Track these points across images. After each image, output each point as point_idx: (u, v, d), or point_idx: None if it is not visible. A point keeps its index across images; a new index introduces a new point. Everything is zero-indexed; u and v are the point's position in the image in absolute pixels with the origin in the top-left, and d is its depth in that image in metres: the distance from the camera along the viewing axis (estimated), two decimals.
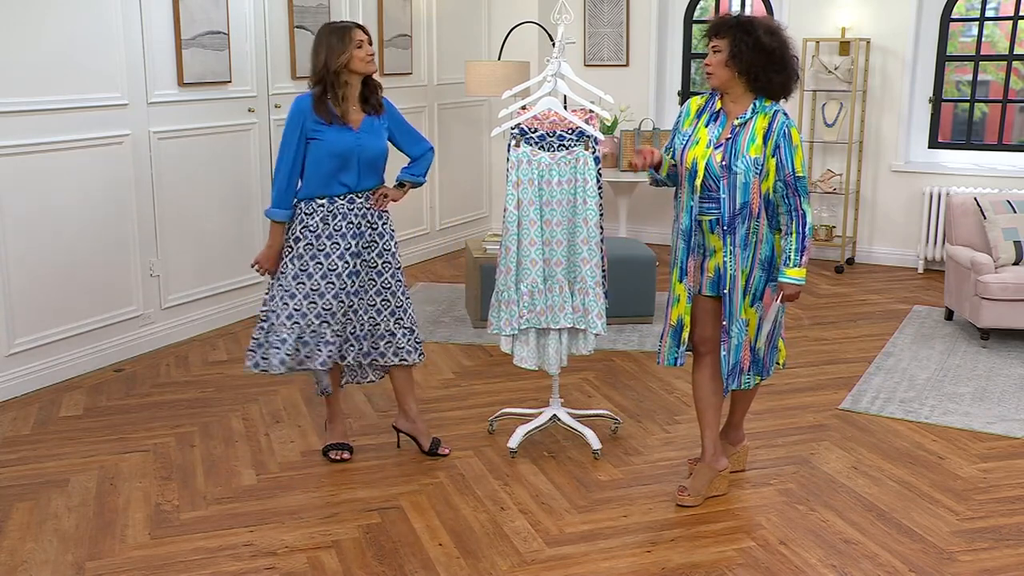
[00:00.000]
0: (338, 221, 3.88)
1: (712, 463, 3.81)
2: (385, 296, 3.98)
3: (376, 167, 3.92)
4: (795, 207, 3.49)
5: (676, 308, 3.73)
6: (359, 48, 3.78)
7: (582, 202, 3.95)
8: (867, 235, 7.84)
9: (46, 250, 4.95)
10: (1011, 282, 5.51)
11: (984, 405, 4.74)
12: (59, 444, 4.30)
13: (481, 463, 4.11)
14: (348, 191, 3.88)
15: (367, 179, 3.91)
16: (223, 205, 5.98)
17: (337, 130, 3.81)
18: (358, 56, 3.78)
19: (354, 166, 3.86)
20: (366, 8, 6.96)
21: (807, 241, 3.50)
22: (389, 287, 3.97)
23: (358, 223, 3.91)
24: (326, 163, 3.82)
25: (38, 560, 3.33)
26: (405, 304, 4.01)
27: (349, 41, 3.77)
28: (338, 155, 3.82)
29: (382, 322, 3.98)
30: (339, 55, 3.76)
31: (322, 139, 3.81)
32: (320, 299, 3.88)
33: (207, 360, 5.43)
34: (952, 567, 3.29)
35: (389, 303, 3.98)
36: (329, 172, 3.84)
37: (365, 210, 3.92)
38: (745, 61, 3.46)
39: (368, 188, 3.93)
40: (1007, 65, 7.43)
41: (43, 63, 4.84)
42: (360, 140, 3.85)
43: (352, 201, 3.90)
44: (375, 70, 3.87)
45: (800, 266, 3.49)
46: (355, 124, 3.86)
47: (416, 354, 4.05)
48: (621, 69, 8.50)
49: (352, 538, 3.49)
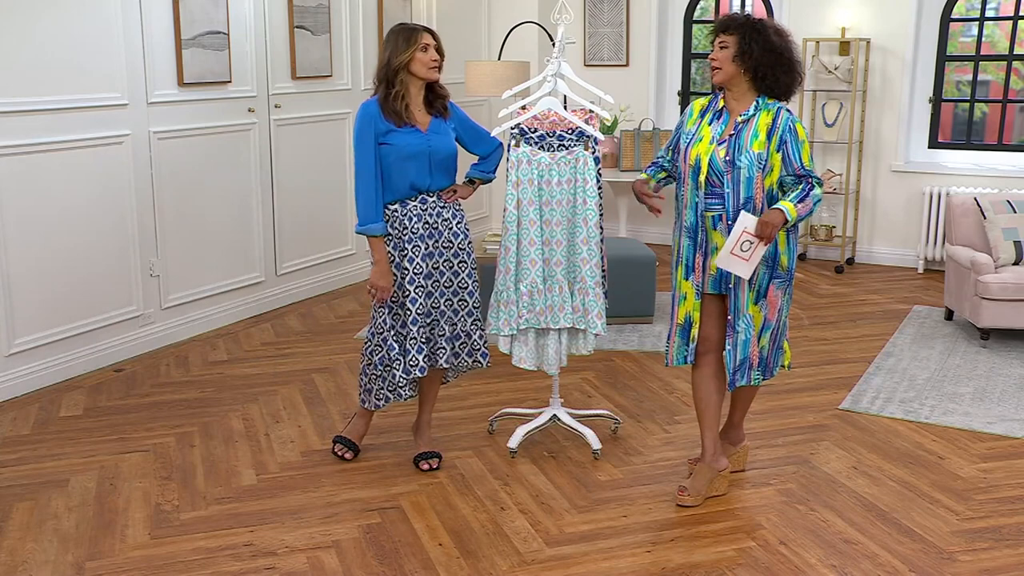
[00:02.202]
0: (414, 223, 3.85)
1: (712, 463, 3.81)
2: (463, 296, 3.96)
3: (447, 167, 3.90)
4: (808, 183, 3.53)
5: (683, 306, 3.73)
6: (423, 52, 3.76)
7: (582, 202, 3.95)
8: (867, 235, 7.84)
9: (46, 250, 4.95)
10: (1011, 282, 5.51)
11: (984, 405, 4.74)
12: (59, 444, 4.30)
13: (481, 463, 4.11)
14: (420, 193, 3.86)
15: (439, 180, 3.88)
16: (223, 205, 5.99)
17: (406, 132, 3.78)
18: (420, 59, 3.76)
19: (426, 167, 3.83)
20: (366, 8, 6.96)
21: (810, 200, 3.49)
22: (466, 287, 3.96)
23: (433, 223, 3.89)
24: (399, 167, 3.79)
25: (38, 560, 3.33)
26: (477, 303, 4.01)
27: (414, 43, 3.75)
28: (411, 157, 3.79)
29: (459, 322, 3.97)
30: (401, 55, 3.75)
31: (393, 143, 3.77)
32: (413, 305, 3.86)
33: (207, 360, 5.43)
34: (952, 567, 3.29)
35: (467, 303, 3.97)
36: (402, 175, 3.80)
37: (440, 208, 3.90)
38: (754, 59, 3.51)
39: (440, 188, 3.91)
40: (1007, 65, 7.43)
41: (43, 63, 4.84)
42: (430, 141, 3.82)
43: (424, 202, 3.87)
44: (437, 78, 3.83)
45: (794, 206, 3.47)
46: (423, 126, 3.84)
47: (488, 356, 4.06)
48: (621, 69, 8.50)
49: (352, 538, 3.49)
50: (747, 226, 3.45)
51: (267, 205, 6.32)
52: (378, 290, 3.83)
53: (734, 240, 3.45)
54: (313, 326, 6.08)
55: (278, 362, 5.39)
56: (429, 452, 4.08)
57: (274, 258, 6.44)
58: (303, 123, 6.55)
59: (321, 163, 6.70)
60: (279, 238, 6.44)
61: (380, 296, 3.84)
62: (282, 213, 6.43)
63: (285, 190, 6.42)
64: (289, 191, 6.45)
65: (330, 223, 6.82)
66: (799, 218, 3.49)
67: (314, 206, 6.69)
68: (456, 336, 3.98)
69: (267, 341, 5.78)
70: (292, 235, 6.55)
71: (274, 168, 6.33)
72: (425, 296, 3.89)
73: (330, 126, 6.78)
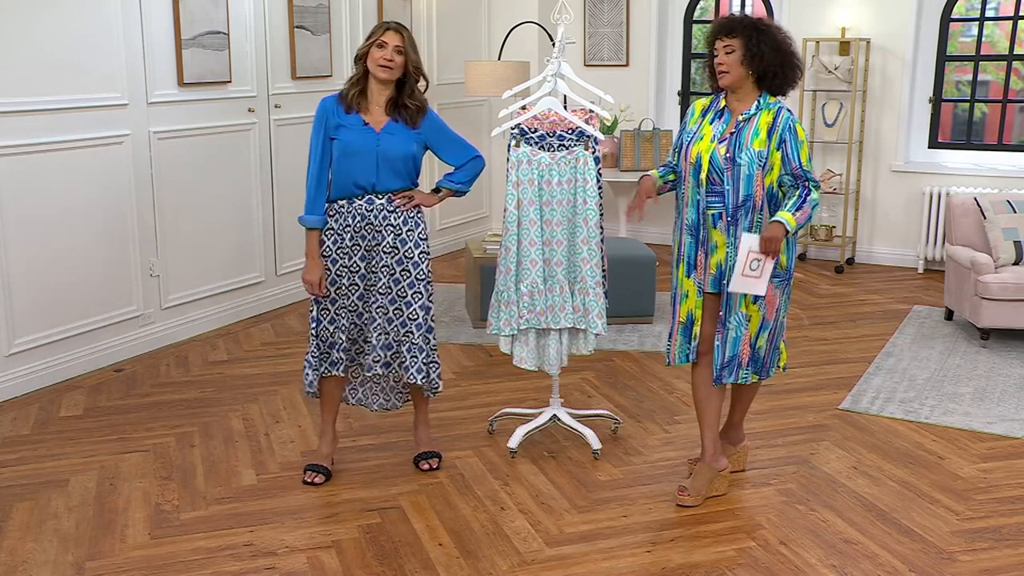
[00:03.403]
0: (356, 222, 3.79)
1: (712, 463, 3.81)
2: (399, 305, 3.83)
3: (397, 169, 3.78)
4: (805, 188, 3.54)
5: (685, 304, 3.74)
6: (379, 48, 3.69)
7: (582, 202, 3.95)
8: (867, 235, 7.84)
9: (46, 250, 4.95)
10: (1011, 282, 5.51)
11: (984, 405, 4.74)
12: (59, 444, 4.29)
13: (481, 463, 4.11)
14: (366, 192, 3.78)
15: (387, 181, 3.77)
16: (223, 205, 5.99)
17: (356, 130, 3.74)
18: (373, 55, 3.70)
19: (372, 166, 3.74)
20: (366, 8, 6.96)
21: (808, 207, 3.51)
22: (404, 297, 3.84)
23: (377, 224, 3.79)
24: (344, 163, 3.74)
25: (38, 560, 3.33)
26: (421, 319, 3.83)
27: (372, 37, 3.71)
28: (355, 154, 3.72)
29: (391, 332, 3.85)
30: (362, 45, 3.74)
31: (340, 138, 3.74)
32: (346, 301, 3.83)
33: (207, 360, 5.43)
34: (952, 567, 3.29)
35: (402, 312, 3.83)
36: (347, 172, 3.75)
37: (386, 212, 3.80)
38: (764, 60, 3.53)
39: (390, 190, 3.79)
40: (1007, 65, 7.43)
41: (43, 63, 4.84)
42: (379, 140, 3.75)
43: (371, 202, 3.79)
44: (384, 77, 3.71)
45: (793, 215, 3.49)
46: (377, 125, 3.76)
47: (421, 376, 3.84)
48: (621, 69, 8.50)
49: (352, 538, 3.49)
50: (751, 246, 3.48)
51: (267, 205, 6.32)
52: (308, 284, 3.79)
53: (742, 263, 3.48)
54: None
55: (278, 362, 5.39)
56: (429, 452, 4.08)
57: (274, 258, 6.44)
58: (303, 123, 6.53)
59: None
60: (279, 238, 6.44)
61: (310, 290, 3.80)
62: (282, 213, 6.43)
63: (285, 190, 6.42)
64: (289, 191, 6.45)
65: None
66: (799, 226, 3.51)
67: None
68: (387, 346, 3.85)
69: (267, 341, 5.78)
70: (292, 235, 6.54)
71: (274, 168, 6.33)
72: (357, 296, 3.84)
73: None
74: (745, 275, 3.49)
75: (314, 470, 3.94)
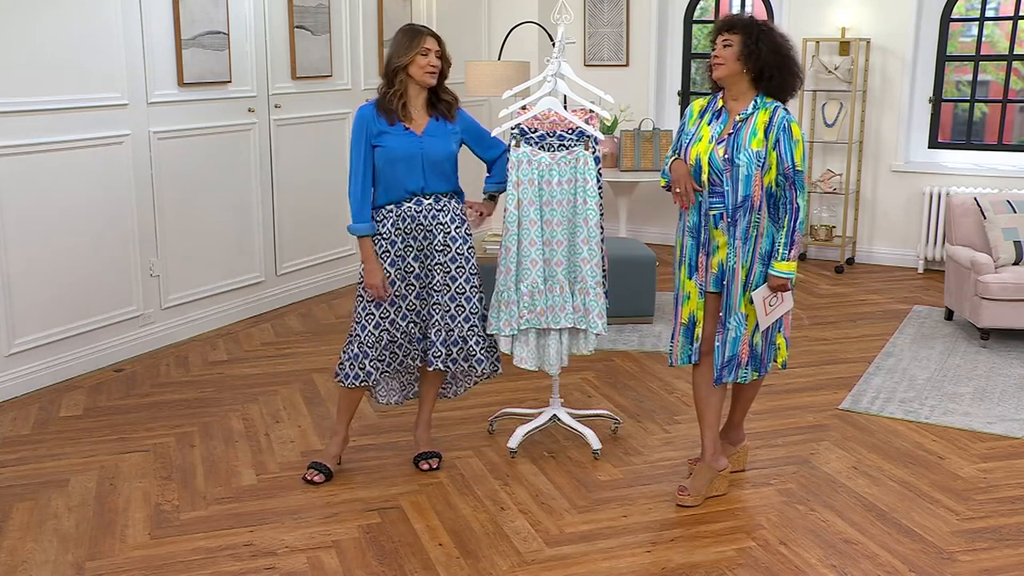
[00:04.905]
0: (407, 224, 3.84)
1: (712, 463, 3.81)
2: (460, 302, 3.91)
3: (442, 170, 3.85)
4: (791, 200, 3.56)
5: (687, 305, 3.74)
6: (423, 56, 3.75)
7: (582, 202, 3.95)
8: (867, 235, 7.84)
9: (46, 250, 4.95)
10: (1011, 282, 5.51)
11: (984, 405, 4.74)
12: (59, 444, 4.30)
13: (481, 463, 4.11)
14: (414, 195, 3.84)
15: (434, 183, 3.84)
16: (223, 205, 5.99)
17: (399, 134, 3.77)
18: (418, 63, 3.75)
19: (419, 170, 3.80)
20: (366, 8, 6.96)
21: (797, 235, 3.57)
22: (463, 292, 3.90)
23: (428, 225, 3.85)
24: (391, 169, 3.78)
25: (38, 560, 3.33)
26: (481, 311, 3.96)
27: (416, 47, 3.75)
28: (402, 159, 3.77)
29: (455, 328, 3.92)
30: (401, 57, 3.75)
31: (384, 145, 3.77)
32: (404, 302, 3.88)
33: (207, 360, 5.43)
34: (952, 567, 3.29)
35: (464, 308, 3.92)
36: (395, 178, 3.79)
37: (436, 211, 3.86)
38: (761, 59, 3.53)
39: (437, 192, 3.86)
40: (1007, 65, 7.43)
41: (43, 63, 4.84)
42: (423, 143, 3.80)
43: (419, 204, 3.84)
44: (432, 83, 3.80)
45: (788, 260, 3.56)
46: (419, 128, 3.82)
47: (487, 363, 3.99)
48: (621, 69, 8.50)
49: (352, 538, 3.49)
50: (764, 296, 3.60)
51: (267, 205, 6.32)
52: (372, 288, 3.82)
53: (761, 310, 3.61)
54: (313, 326, 6.08)
55: (278, 362, 5.39)
56: (429, 452, 4.08)
57: (274, 258, 6.44)
58: (303, 123, 6.55)
59: (321, 163, 6.70)
60: (279, 238, 6.44)
61: (376, 295, 3.83)
62: (282, 213, 6.43)
63: (285, 190, 6.42)
64: (289, 191, 6.45)
65: (330, 223, 6.81)
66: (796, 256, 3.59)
67: (314, 206, 6.68)
68: (453, 341, 3.93)
69: (267, 341, 5.78)
70: (292, 235, 6.55)
71: (274, 168, 6.33)
72: (415, 295, 3.89)
73: (330, 126, 6.78)
74: (768, 314, 3.64)
75: (317, 469, 3.95)
